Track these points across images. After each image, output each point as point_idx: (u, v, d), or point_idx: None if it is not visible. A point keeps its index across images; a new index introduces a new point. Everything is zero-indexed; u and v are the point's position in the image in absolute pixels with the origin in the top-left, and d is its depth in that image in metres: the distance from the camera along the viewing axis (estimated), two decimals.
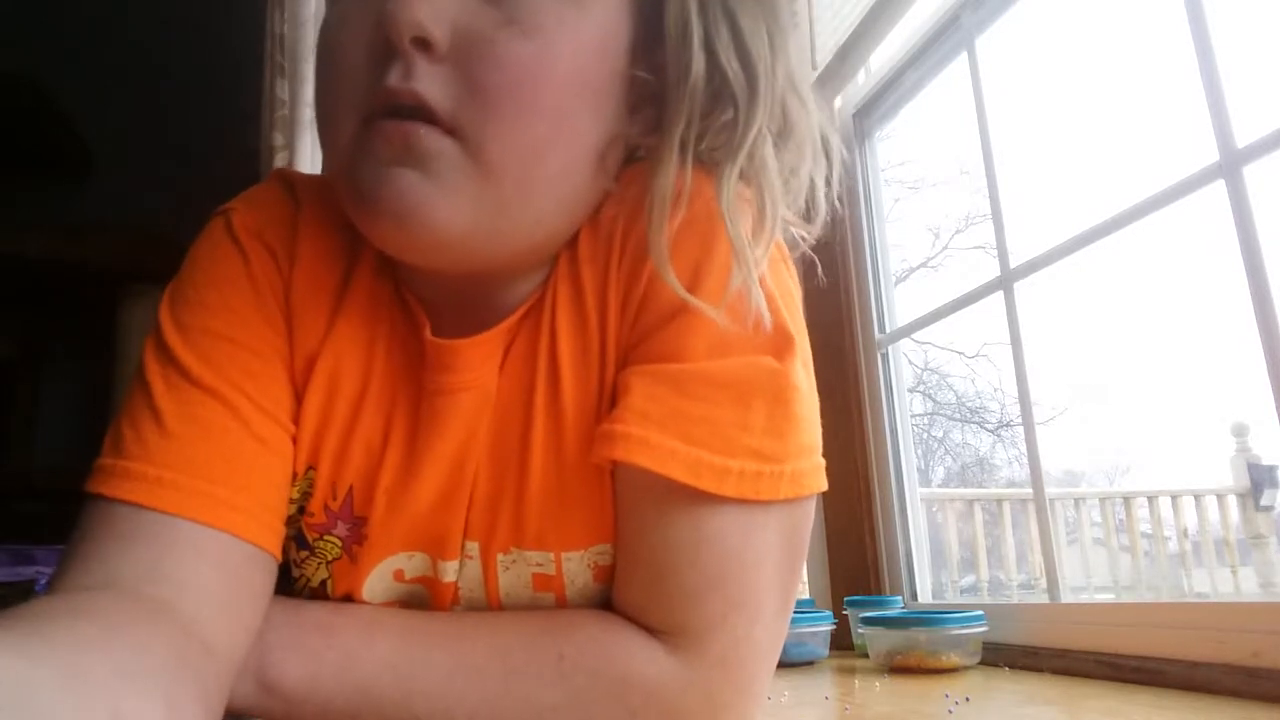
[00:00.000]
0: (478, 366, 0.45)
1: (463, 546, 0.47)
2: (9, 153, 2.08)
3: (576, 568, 0.46)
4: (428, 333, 0.45)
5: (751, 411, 0.42)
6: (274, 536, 0.42)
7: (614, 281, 0.45)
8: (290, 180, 0.49)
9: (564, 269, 0.46)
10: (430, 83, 0.38)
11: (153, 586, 0.36)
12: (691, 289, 0.42)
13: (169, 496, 0.38)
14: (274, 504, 0.43)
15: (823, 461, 0.44)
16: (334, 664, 0.42)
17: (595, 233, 0.46)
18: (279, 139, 1.28)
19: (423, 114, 0.38)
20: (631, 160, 0.47)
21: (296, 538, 0.47)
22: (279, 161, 1.28)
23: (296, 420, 0.45)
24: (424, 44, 0.38)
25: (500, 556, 0.47)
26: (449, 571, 0.47)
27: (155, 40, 2.28)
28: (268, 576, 0.42)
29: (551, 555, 0.46)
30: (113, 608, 0.34)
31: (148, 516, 0.38)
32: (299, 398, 0.45)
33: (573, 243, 0.46)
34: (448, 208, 0.39)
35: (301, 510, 0.47)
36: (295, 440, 0.45)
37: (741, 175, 0.43)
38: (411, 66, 0.38)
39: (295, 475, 0.45)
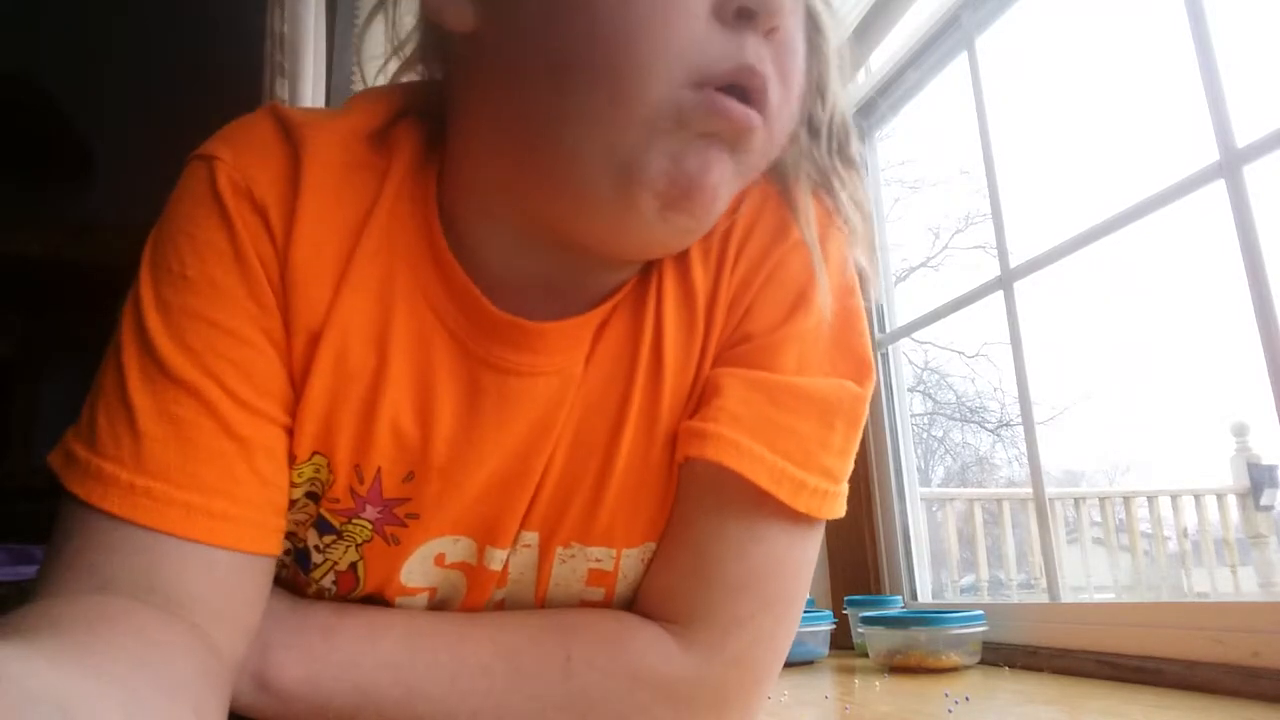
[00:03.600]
0: (565, 351, 0.44)
1: (518, 535, 0.45)
2: (9, 153, 2.08)
3: (632, 564, 0.46)
4: (490, 306, 0.42)
5: (833, 431, 0.44)
6: (264, 535, 0.40)
7: (725, 285, 0.45)
8: (286, 121, 0.43)
9: (670, 266, 0.46)
10: (769, 67, 0.38)
11: (148, 595, 0.36)
12: (799, 302, 0.45)
13: (145, 507, 0.37)
14: (260, 501, 0.40)
15: None
16: (335, 664, 0.41)
17: (706, 238, 0.46)
18: None
19: (759, 99, 0.38)
20: None
21: (318, 524, 0.44)
22: None
23: (296, 404, 0.42)
24: (775, 31, 0.38)
25: (560, 550, 0.46)
26: (496, 560, 0.45)
27: (155, 40, 2.28)
28: (260, 577, 0.41)
29: (613, 551, 0.46)
30: (135, 614, 0.34)
31: (126, 529, 0.37)
32: (298, 379, 0.42)
33: None
34: (730, 196, 0.40)
35: (313, 495, 0.44)
36: (294, 427, 0.42)
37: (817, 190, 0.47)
38: (763, 50, 0.37)
39: (294, 460, 0.42)
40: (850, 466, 0.46)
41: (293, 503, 0.43)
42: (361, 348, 0.42)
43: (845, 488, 0.45)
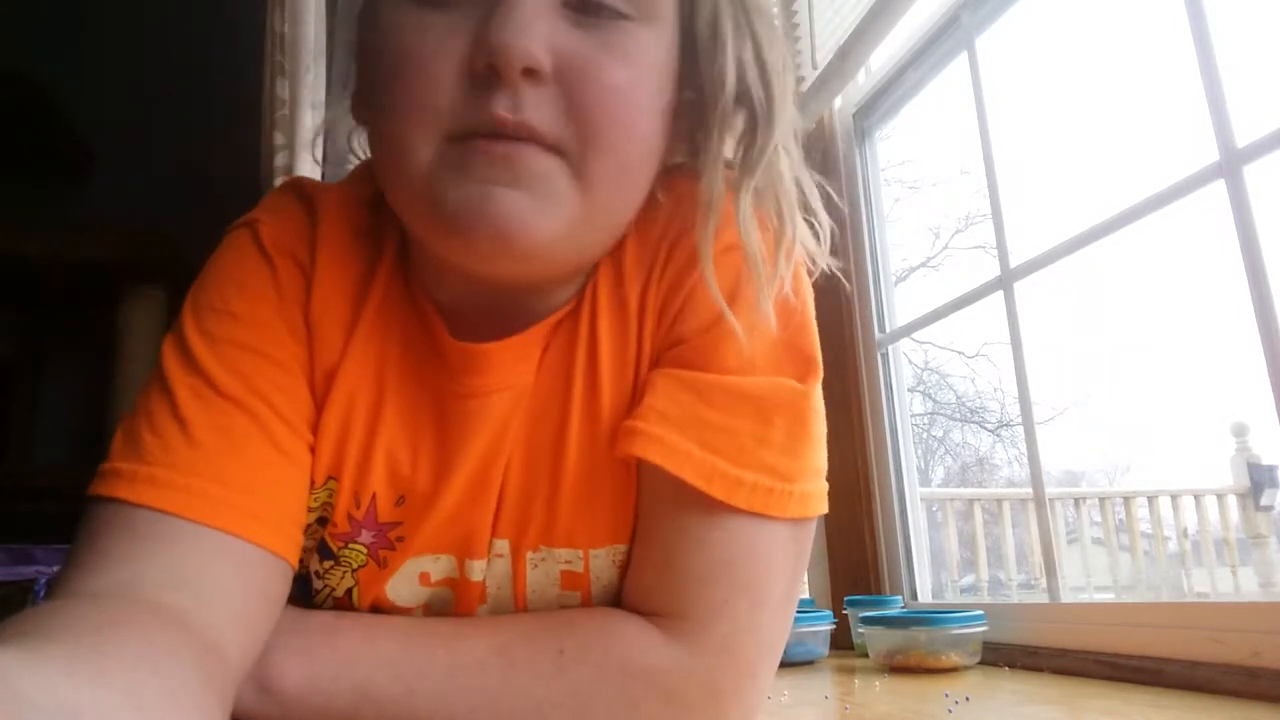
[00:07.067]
0: (511, 368, 0.46)
1: (491, 544, 0.48)
2: (9, 153, 2.08)
3: (603, 564, 0.48)
4: (447, 337, 0.46)
5: (772, 427, 0.44)
6: (293, 546, 0.43)
7: (654, 288, 0.47)
8: (305, 191, 0.49)
9: (607, 275, 0.47)
10: (536, 110, 0.38)
11: (172, 593, 0.36)
12: (729, 303, 0.44)
13: (198, 505, 0.39)
14: (294, 514, 0.44)
15: (826, 485, 0.46)
16: (335, 665, 0.42)
17: (643, 243, 0.47)
18: (279, 139, 1.28)
19: (529, 137, 0.39)
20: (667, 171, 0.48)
21: (320, 548, 0.48)
22: (279, 161, 1.28)
23: (315, 432, 0.46)
24: (531, 72, 0.38)
25: (529, 554, 0.48)
26: (477, 570, 0.48)
27: (155, 40, 2.28)
28: (284, 585, 0.43)
29: (580, 552, 0.47)
30: (141, 617, 0.34)
31: (172, 523, 0.38)
32: (317, 410, 0.46)
33: (618, 251, 0.48)
34: (548, 222, 0.40)
35: (323, 521, 0.47)
36: (314, 451, 0.46)
37: (758, 190, 0.44)
38: (519, 95, 0.38)
39: (313, 484, 0.46)
40: (811, 463, 0.45)
41: (306, 527, 0.46)
42: (367, 385, 0.47)
43: (810, 485, 0.44)
